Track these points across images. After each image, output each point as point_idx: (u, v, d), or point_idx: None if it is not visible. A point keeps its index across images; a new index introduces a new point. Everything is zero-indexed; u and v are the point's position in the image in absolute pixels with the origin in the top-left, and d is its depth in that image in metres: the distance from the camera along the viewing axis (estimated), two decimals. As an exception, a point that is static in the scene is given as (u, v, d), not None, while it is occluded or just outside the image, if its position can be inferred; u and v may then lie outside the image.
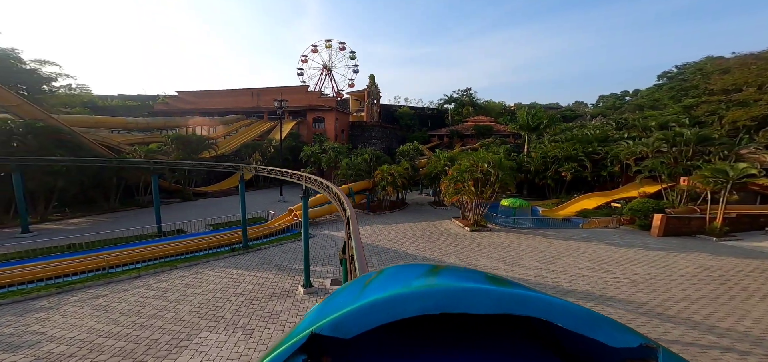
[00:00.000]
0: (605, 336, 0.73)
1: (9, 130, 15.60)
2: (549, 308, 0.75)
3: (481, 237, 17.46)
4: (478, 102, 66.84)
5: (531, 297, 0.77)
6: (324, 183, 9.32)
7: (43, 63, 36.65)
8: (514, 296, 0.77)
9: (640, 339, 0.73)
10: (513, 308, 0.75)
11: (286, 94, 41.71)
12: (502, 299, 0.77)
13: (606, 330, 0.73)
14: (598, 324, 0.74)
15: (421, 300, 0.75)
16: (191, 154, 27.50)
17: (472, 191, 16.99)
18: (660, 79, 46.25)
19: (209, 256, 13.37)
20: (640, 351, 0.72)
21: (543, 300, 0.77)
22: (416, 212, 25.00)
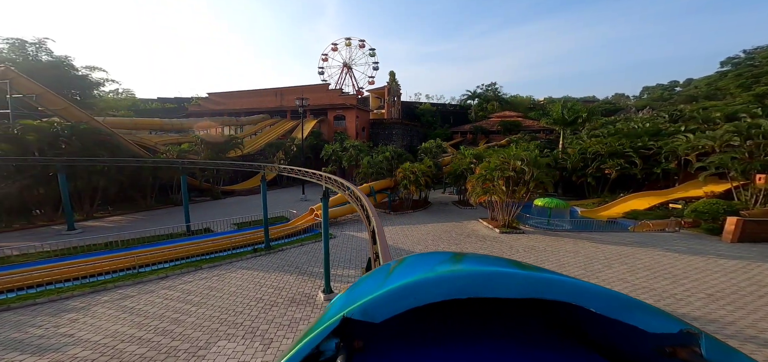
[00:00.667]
0: (641, 322, 0.70)
1: (55, 132, 16.80)
2: (579, 292, 0.72)
3: (514, 241, 16.11)
4: (504, 97, 63.61)
5: (560, 281, 0.74)
6: (343, 183, 8.75)
7: (92, 69, 40.00)
8: (542, 280, 0.75)
9: (681, 324, 0.69)
10: (541, 292, 0.73)
11: (307, 93, 42.07)
12: (529, 283, 0.75)
13: (642, 316, 0.70)
14: (634, 309, 0.70)
15: (447, 284, 0.74)
16: (219, 153, 28.44)
17: (503, 191, 15.67)
18: (724, 66, 40.63)
19: (232, 257, 13.41)
20: (680, 338, 0.68)
21: (573, 283, 0.74)
22: (440, 212, 23.93)
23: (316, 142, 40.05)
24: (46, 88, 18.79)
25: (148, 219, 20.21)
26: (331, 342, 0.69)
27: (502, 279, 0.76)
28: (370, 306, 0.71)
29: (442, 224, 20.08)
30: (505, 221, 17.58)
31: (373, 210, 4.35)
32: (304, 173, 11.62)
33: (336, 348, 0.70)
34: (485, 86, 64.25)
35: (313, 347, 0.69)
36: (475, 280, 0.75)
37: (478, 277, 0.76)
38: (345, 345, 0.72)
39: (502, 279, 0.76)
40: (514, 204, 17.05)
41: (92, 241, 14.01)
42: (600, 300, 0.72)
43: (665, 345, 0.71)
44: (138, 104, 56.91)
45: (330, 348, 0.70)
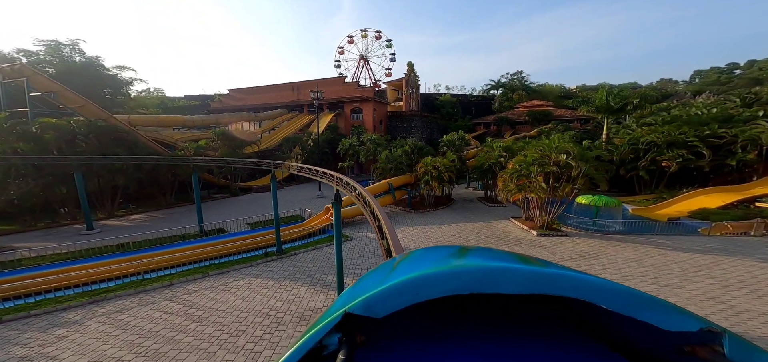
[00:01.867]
0: (658, 319, 0.66)
1: (73, 131, 16.76)
2: (587, 287, 0.70)
3: (556, 245, 13.98)
4: (531, 86, 59.19)
5: (567, 277, 0.72)
6: (350, 183, 7.54)
7: (122, 69, 41.51)
8: (549, 275, 0.73)
9: (701, 322, 0.65)
10: (547, 288, 0.70)
11: (323, 87, 41.03)
12: (534, 278, 0.73)
13: (659, 313, 0.66)
14: (649, 306, 0.67)
15: (450, 280, 0.73)
16: (236, 149, 28.11)
17: (543, 188, 13.52)
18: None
19: (242, 261, 12.49)
20: (701, 336, 0.65)
21: (581, 279, 0.71)
22: (465, 210, 21.96)
23: (333, 137, 39.05)
24: (63, 86, 18.94)
25: (167, 218, 20.05)
26: (334, 337, 0.70)
27: (506, 275, 0.74)
28: (372, 302, 0.71)
29: (469, 224, 18.20)
30: (544, 222, 15.40)
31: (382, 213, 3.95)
32: (315, 171, 10.30)
33: (338, 343, 0.70)
34: (510, 75, 60.14)
35: (316, 341, 0.69)
36: (478, 276, 0.74)
37: (482, 273, 0.75)
38: (347, 340, 0.71)
39: (507, 275, 0.74)
40: (556, 202, 14.81)
41: (107, 242, 13.66)
42: (609, 295, 0.69)
43: (684, 344, 0.68)
44: (166, 102, 58.91)
45: (333, 343, 0.70)
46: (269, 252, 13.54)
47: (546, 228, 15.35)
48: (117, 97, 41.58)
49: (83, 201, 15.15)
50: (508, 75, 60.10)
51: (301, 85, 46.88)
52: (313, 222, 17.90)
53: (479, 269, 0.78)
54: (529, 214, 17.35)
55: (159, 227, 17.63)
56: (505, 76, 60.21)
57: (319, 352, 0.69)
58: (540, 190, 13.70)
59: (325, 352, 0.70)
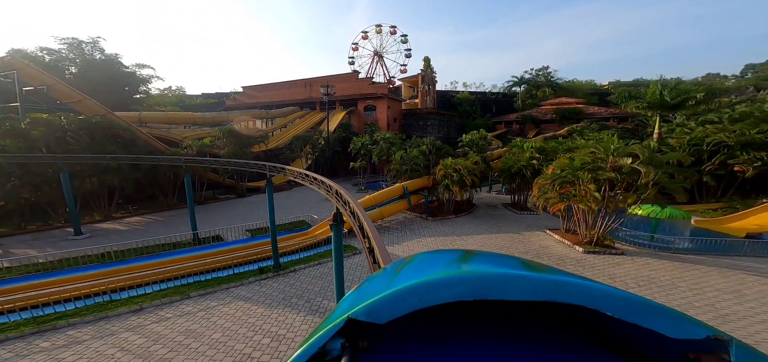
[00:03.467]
0: (663, 326, 0.66)
1: (62, 127, 15.63)
2: (593, 295, 0.70)
3: (612, 266, 11.28)
4: (557, 82, 55.07)
5: (572, 284, 0.71)
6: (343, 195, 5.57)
7: (141, 66, 41.60)
8: (554, 282, 0.72)
9: (708, 330, 0.64)
10: (552, 295, 0.70)
11: (336, 83, 39.34)
12: (539, 285, 0.72)
13: (664, 320, 0.66)
14: (654, 313, 0.67)
15: (454, 286, 0.73)
16: (242, 147, 26.72)
17: (596, 198, 10.84)
18: None
19: (232, 279, 10.64)
20: (707, 344, 0.64)
21: (586, 286, 0.71)
22: (490, 218, 19.36)
23: (345, 135, 37.20)
24: (57, 79, 18.01)
25: (165, 221, 18.73)
26: (336, 343, 0.69)
27: (511, 282, 0.73)
28: (375, 307, 0.70)
29: (497, 236, 15.67)
30: (591, 236, 12.67)
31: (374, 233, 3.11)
32: (312, 179, 8.25)
33: (341, 349, 0.69)
34: (535, 71, 56.22)
35: (319, 347, 0.68)
36: (482, 282, 0.73)
37: (487, 279, 0.74)
38: (350, 346, 0.70)
39: (512, 282, 0.73)
40: (609, 214, 12.06)
41: (90, 250, 12.25)
42: (617, 303, 0.69)
43: (689, 351, 0.67)
44: (184, 100, 59.41)
45: (335, 348, 0.69)
46: (265, 267, 11.66)
47: (594, 243, 12.62)
48: (134, 95, 41.75)
49: (70, 203, 13.92)
50: (533, 71, 56.26)
51: (313, 81, 45.41)
52: (317, 231, 15.96)
53: (484, 275, 0.77)
54: (571, 226, 14.61)
55: (153, 232, 16.25)
56: (529, 72, 56.36)
57: (322, 358, 0.69)
58: (591, 201, 11.01)
59: (328, 358, 0.69)
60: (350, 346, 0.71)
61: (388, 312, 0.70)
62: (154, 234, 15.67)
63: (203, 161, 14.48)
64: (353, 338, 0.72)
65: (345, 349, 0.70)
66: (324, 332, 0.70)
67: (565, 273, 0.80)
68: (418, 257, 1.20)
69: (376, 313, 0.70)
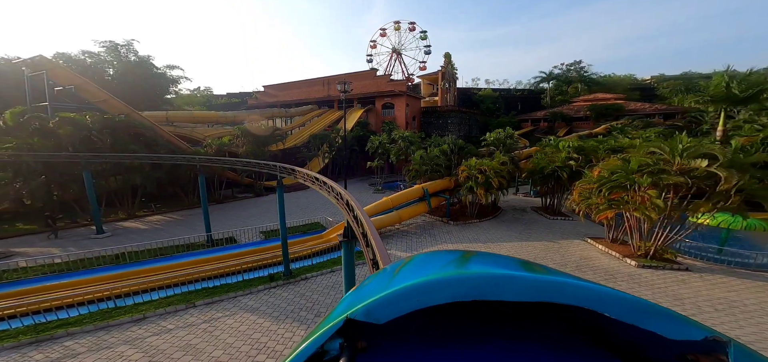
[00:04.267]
0: (661, 327, 0.66)
1: (87, 126, 15.97)
2: (591, 296, 0.70)
3: (676, 284, 9.48)
4: (591, 77, 50.97)
5: (570, 285, 0.72)
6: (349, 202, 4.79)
7: (172, 68, 43.44)
8: (552, 283, 0.73)
9: (706, 331, 0.65)
10: (551, 296, 0.71)
11: (353, 81, 38.62)
12: (538, 286, 0.73)
13: (661, 321, 0.67)
14: (652, 315, 0.67)
15: (453, 286, 0.73)
16: (261, 146, 26.68)
17: (659, 206, 9.07)
18: None
19: (241, 286, 10.06)
20: (705, 345, 0.65)
21: (584, 287, 0.71)
22: (519, 223, 17.68)
23: (363, 133, 36.43)
24: (85, 78, 18.56)
25: (184, 220, 18.85)
26: (334, 343, 0.69)
27: (509, 282, 0.74)
28: (374, 308, 0.71)
29: (528, 244, 14.11)
30: (648, 248, 10.81)
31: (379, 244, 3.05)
32: (322, 183, 7.33)
33: (340, 349, 0.70)
34: (566, 66, 52.41)
35: (317, 347, 0.68)
36: (481, 283, 0.73)
37: (486, 280, 0.75)
38: (348, 346, 0.70)
39: (510, 283, 0.74)
40: (673, 224, 10.18)
41: (110, 250, 12.19)
42: (615, 304, 0.69)
43: (687, 353, 0.67)
44: (211, 100, 61.73)
45: (334, 348, 0.70)
46: (275, 274, 10.99)
47: (651, 256, 10.75)
48: (164, 95, 43.65)
49: (92, 202, 14.11)
50: (563, 66, 52.45)
51: (331, 79, 45.06)
52: (332, 235, 15.18)
53: (483, 276, 0.77)
54: (619, 236, 12.73)
55: (170, 232, 16.26)
56: (559, 67, 52.62)
57: (320, 358, 0.69)
58: (651, 209, 9.24)
59: (326, 358, 0.69)
60: (349, 346, 0.70)
61: (386, 312, 0.70)
62: (171, 235, 15.63)
63: (216, 161, 14.20)
64: (352, 338, 0.71)
65: (343, 349, 0.69)
66: (322, 332, 0.69)
67: (563, 274, 0.79)
68: (417, 258, 1.20)
69: (375, 313, 0.70)
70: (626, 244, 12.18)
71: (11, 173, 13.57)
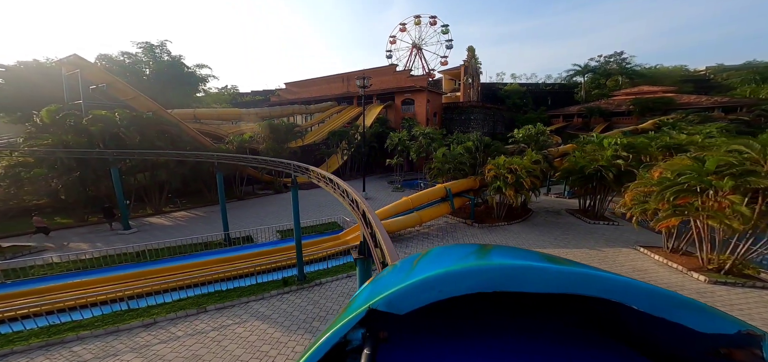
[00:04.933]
0: (692, 321, 0.64)
1: (116, 123, 16.47)
2: (618, 288, 0.67)
3: (761, 306, 7.74)
4: (635, 69, 46.32)
5: (599, 277, 0.70)
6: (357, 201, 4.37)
7: (200, 66, 45.27)
8: (577, 275, 0.70)
9: (739, 325, 0.63)
10: (576, 287, 0.68)
11: (372, 76, 37.80)
12: (563, 277, 0.70)
13: (693, 314, 0.64)
14: (682, 307, 0.65)
15: (476, 277, 0.72)
16: (279, 142, 26.70)
17: (745, 215, 7.38)
18: None
19: (253, 290, 9.63)
20: (739, 339, 0.63)
21: (611, 279, 0.69)
22: (553, 227, 16.05)
23: (382, 130, 35.61)
24: (116, 77, 19.24)
25: (206, 217, 19.09)
26: (357, 333, 0.70)
27: (533, 274, 0.72)
28: (395, 298, 0.71)
29: (567, 251, 12.65)
30: (722, 262, 9.03)
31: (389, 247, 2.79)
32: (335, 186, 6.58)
33: (362, 339, 0.70)
34: (604, 58, 48.03)
35: (340, 336, 0.69)
36: (503, 274, 0.72)
37: (507, 271, 0.73)
38: (371, 336, 0.71)
39: (534, 274, 0.72)
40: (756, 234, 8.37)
41: (133, 247, 12.35)
42: (639, 296, 0.67)
43: (719, 347, 0.66)
44: (236, 98, 63.96)
45: (356, 338, 0.70)
46: (289, 278, 10.49)
47: (726, 271, 8.95)
48: (194, 94, 45.58)
49: (119, 198, 14.51)
50: (601, 58, 48.11)
51: (351, 76, 44.58)
52: (349, 236, 14.53)
53: (506, 267, 0.76)
54: (681, 245, 10.91)
55: (191, 230, 16.44)
56: (596, 60, 48.32)
57: (343, 347, 0.70)
58: (734, 218, 7.54)
59: (349, 347, 0.70)
60: (371, 336, 0.70)
61: (408, 302, 0.70)
62: (192, 232, 15.77)
63: (232, 158, 14.01)
64: (373, 328, 0.71)
65: (366, 339, 0.69)
66: (345, 322, 0.70)
67: (586, 266, 0.78)
68: (435, 250, 1.19)
69: (396, 304, 0.70)
70: (691, 256, 10.38)
71: (46, 169, 14.28)
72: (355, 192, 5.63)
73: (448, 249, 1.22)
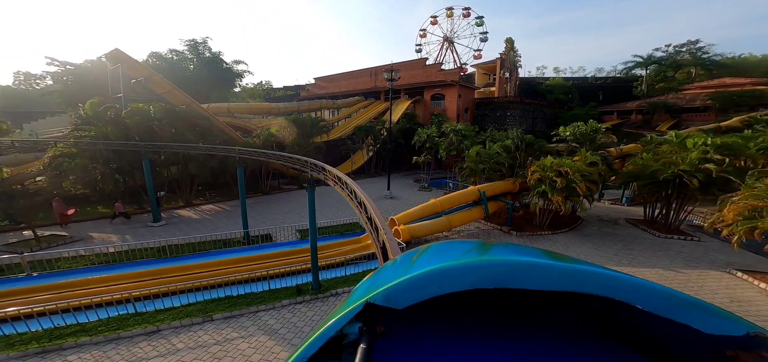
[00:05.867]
0: (700, 322, 0.63)
1: (150, 116, 16.89)
2: (622, 287, 0.66)
3: None
4: (714, 59, 39.21)
5: (603, 275, 0.68)
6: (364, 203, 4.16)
7: (237, 63, 47.27)
8: (582, 272, 0.69)
9: (748, 326, 0.62)
10: (578, 285, 0.67)
11: (401, 70, 36.19)
12: (566, 275, 0.69)
13: (699, 315, 0.63)
14: (690, 308, 0.64)
15: (477, 272, 0.71)
16: (305, 137, 26.33)
17: None
18: None
19: (265, 298, 8.87)
20: (746, 341, 0.61)
21: (615, 277, 0.68)
22: (611, 239, 13.56)
23: (409, 126, 34.00)
24: (152, 71, 19.92)
25: (231, 211, 19.17)
26: (354, 326, 0.69)
27: (535, 271, 0.71)
28: (393, 293, 0.70)
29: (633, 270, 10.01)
30: None
31: None
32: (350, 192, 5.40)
33: (359, 333, 0.69)
34: (674, 47, 41.33)
35: (337, 330, 0.68)
36: (505, 270, 0.70)
37: (509, 267, 0.72)
38: (368, 330, 0.70)
39: (536, 271, 0.71)
40: None
41: (158, 241, 12.31)
42: (650, 296, 0.65)
43: (725, 348, 0.64)
44: (270, 93, 66.27)
45: (353, 332, 0.69)
46: (303, 286, 9.59)
47: None
48: (231, 89, 47.74)
49: (150, 190, 14.83)
50: (671, 47, 41.46)
51: (378, 70, 43.34)
52: (370, 239, 13.36)
53: (507, 263, 0.75)
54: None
55: (216, 224, 16.43)
56: (663, 50, 41.72)
57: (340, 341, 0.69)
58: None
59: (346, 341, 0.69)
60: (368, 331, 0.69)
61: (406, 297, 0.69)
62: (215, 227, 15.71)
63: (254, 152, 13.52)
64: (371, 322, 0.71)
65: (362, 334, 0.68)
66: (342, 315, 0.69)
67: (591, 264, 0.78)
68: (435, 246, 1.16)
69: (395, 298, 0.69)
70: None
71: (87, 160, 15.03)
72: (364, 193, 4.69)
73: (449, 245, 1.20)
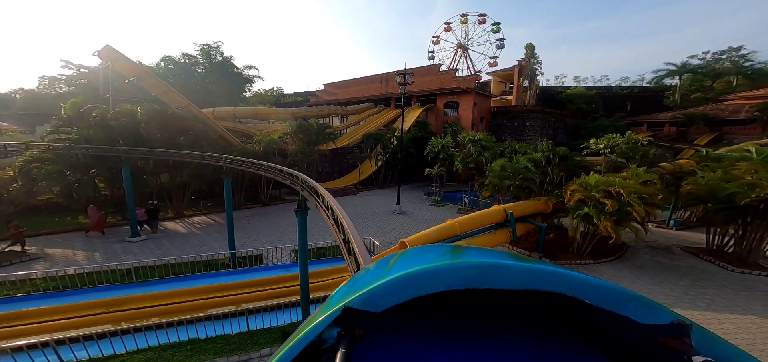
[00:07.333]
0: (634, 313, 0.71)
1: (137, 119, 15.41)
2: (574, 283, 0.74)
3: None
4: (759, 67, 35.91)
5: (557, 273, 0.76)
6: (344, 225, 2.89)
7: (248, 68, 46.91)
8: (540, 272, 0.76)
9: (672, 316, 0.70)
10: (538, 283, 0.75)
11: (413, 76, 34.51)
12: (527, 274, 0.76)
13: (635, 307, 0.72)
14: (627, 301, 0.72)
15: (450, 274, 0.74)
16: (310, 145, 24.63)
17: None
18: None
19: (240, 343, 6.82)
20: (672, 329, 0.70)
21: (569, 275, 0.76)
22: (668, 272, 11.01)
23: (421, 135, 32.03)
24: (146, 70, 18.70)
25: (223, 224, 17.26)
26: (332, 331, 0.70)
27: (501, 271, 0.76)
28: (371, 296, 0.71)
29: (710, 316, 7.73)
30: None
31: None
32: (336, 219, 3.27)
33: (337, 337, 0.70)
34: (712, 54, 38.32)
35: (315, 335, 0.69)
36: (476, 271, 0.75)
37: (478, 269, 0.76)
38: (346, 335, 0.71)
39: (501, 271, 0.76)
40: None
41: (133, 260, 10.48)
42: (595, 292, 0.73)
43: (656, 336, 0.73)
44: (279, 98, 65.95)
45: (331, 337, 0.70)
46: (291, 326, 7.51)
47: None
48: (241, 94, 47.31)
49: (129, 200, 13.15)
50: (709, 54, 38.44)
51: (390, 76, 41.85)
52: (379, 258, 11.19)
53: (478, 264, 0.78)
54: None
55: (203, 240, 14.62)
56: (700, 57, 38.70)
57: (319, 346, 0.69)
58: None
59: (324, 346, 0.69)
60: (346, 335, 0.70)
61: (384, 300, 0.71)
62: (201, 243, 13.90)
63: (241, 163, 11.74)
64: (349, 327, 0.71)
65: (341, 338, 0.69)
66: (320, 320, 0.69)
67: (550, 264, 0.82)
68: (410, 250, 1.21)
69: (373, 302, 0.70)
70: None
71: (61, 165, 13.54)
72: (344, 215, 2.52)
73: (423, 249, 1.26)
